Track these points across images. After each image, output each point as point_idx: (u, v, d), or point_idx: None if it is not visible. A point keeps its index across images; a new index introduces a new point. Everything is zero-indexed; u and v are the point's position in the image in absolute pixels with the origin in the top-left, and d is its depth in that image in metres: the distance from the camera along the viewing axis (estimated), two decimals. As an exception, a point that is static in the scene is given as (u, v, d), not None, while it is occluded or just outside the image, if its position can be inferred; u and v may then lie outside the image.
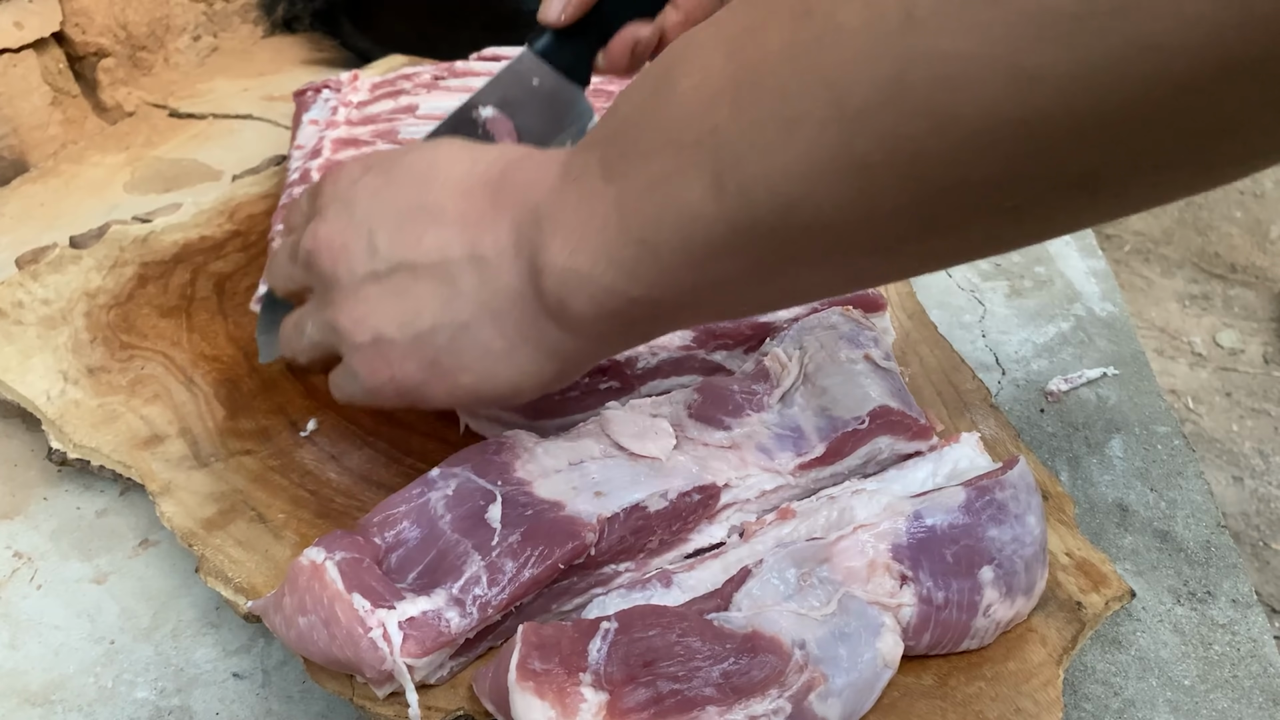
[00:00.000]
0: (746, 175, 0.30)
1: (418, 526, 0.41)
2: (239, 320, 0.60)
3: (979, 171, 0.27)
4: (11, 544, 0.51)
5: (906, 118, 0.27)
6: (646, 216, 0.33)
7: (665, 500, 0.42)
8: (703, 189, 0.31)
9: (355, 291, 0.40)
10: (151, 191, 0.82)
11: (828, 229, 0.30)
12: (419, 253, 0.39)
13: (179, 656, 0.46)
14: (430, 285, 0.39)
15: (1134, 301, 1.60)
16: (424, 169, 0.41)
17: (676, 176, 0.32)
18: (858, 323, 0.50)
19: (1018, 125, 0.26)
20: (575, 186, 0.36)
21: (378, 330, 0.40)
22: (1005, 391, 0.62)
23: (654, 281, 0.34)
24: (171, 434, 0.52)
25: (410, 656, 0.37)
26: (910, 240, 0.31)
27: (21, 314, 0.59)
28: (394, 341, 0.40)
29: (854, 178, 0.28)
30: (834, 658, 0.37)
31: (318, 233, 0.41)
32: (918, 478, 0.45)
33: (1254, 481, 1.30)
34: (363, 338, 0.40)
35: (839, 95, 0.28)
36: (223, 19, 1.07)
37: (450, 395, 0.41)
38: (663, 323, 0.38)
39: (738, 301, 0.36)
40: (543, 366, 0.39)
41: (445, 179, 0.40)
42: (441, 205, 0.39)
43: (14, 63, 0.82)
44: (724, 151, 0.31)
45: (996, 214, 0.29)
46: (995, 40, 0.25)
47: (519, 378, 0.40)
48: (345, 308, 0.41)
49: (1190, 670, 0.46)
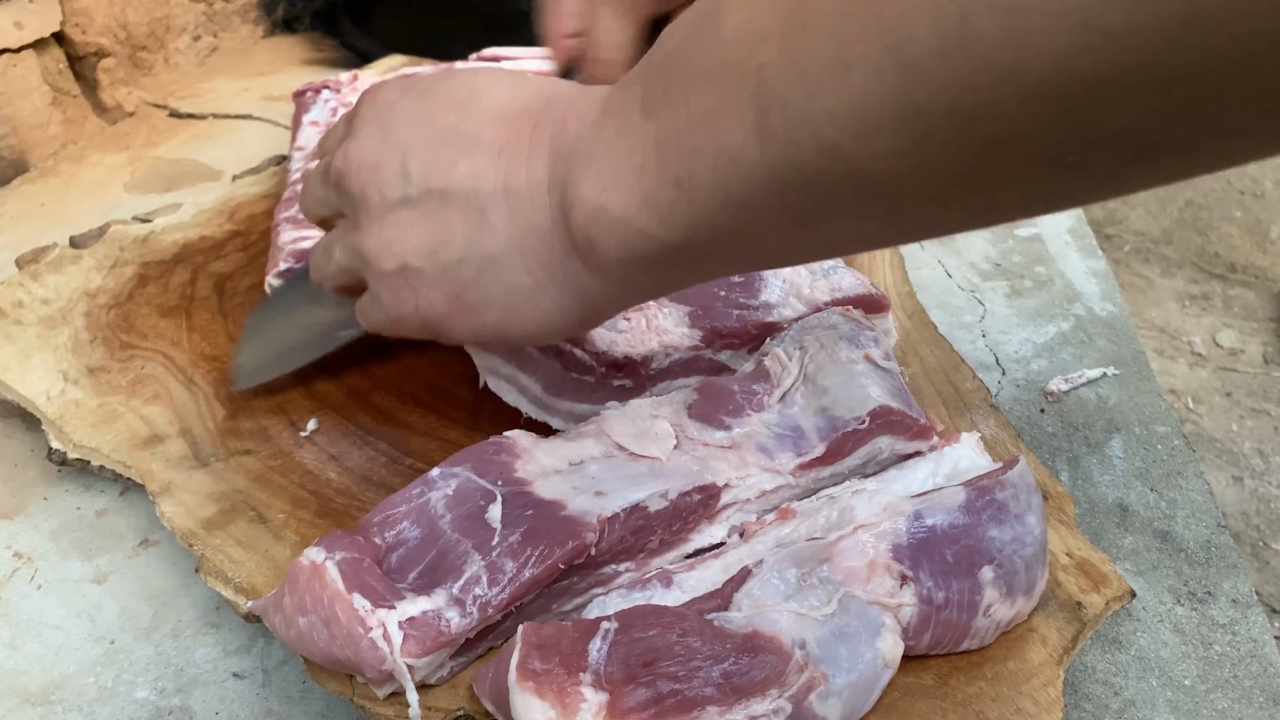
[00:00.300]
0: (792, 118, 0.29)
1: (418, 526, 0.41)
2: (239, 320, 0.60)
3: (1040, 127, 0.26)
4: (11, 544, 0.51)
5: (968, 69, 0.25)
6: (685, 156, 0.32)
7: (665, 500, 0.42)
8: (745, 130, 0.30)
9: (384, 215, 0.40)
10: (151, 191, 0.82)
11: (874, 178, 0.29)
12: (452, 180, 0.38)
13: (179, 656, 0.46)
14: (461, 215, 0.38)
15: (1134, 301, 1.60)
16: (464, 95, 0.40)
17: (719, 116, 0.31)
18: (858, 323, 0.50)
19: (1086, 82, 0.24)
20: (614, 121, 0.35)
21: (404, 258, 0.39)
22: (1005, 391, 0.62)
23: (687, 225, 0.33)
24: (172, 434, 0.52)
25: (410, 656, 0.37)
26: (962, 194, 0.29)
27: (21, 314, 0.59)
28: (420, 271, 0.39)
29: (908, 127, 0.27)
30: (834, 658, 0.37)
31: (350, 152, 0.41)
32: (918, 478, 0.45)
33: (1254, 481, 1.30)
34: (389, 265, 0.40)
35: (897, 41, 0.26)
36: (223, 19, 1.07)
37: (474, 332, 0.40)
38: (692, 270, 0.36)
39: (772, 251, 0.35)
40: (568, 309, 0.39)
41: (485, 106, 0.39)
42: (479, 133, 0.39)
43: (14, 62, 0.82)
44: (770, 92, 0.29)
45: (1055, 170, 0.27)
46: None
47: (543, 318, 0.39)
48: (373, 232, 0.40)
49: (1190, 670, 0.46)
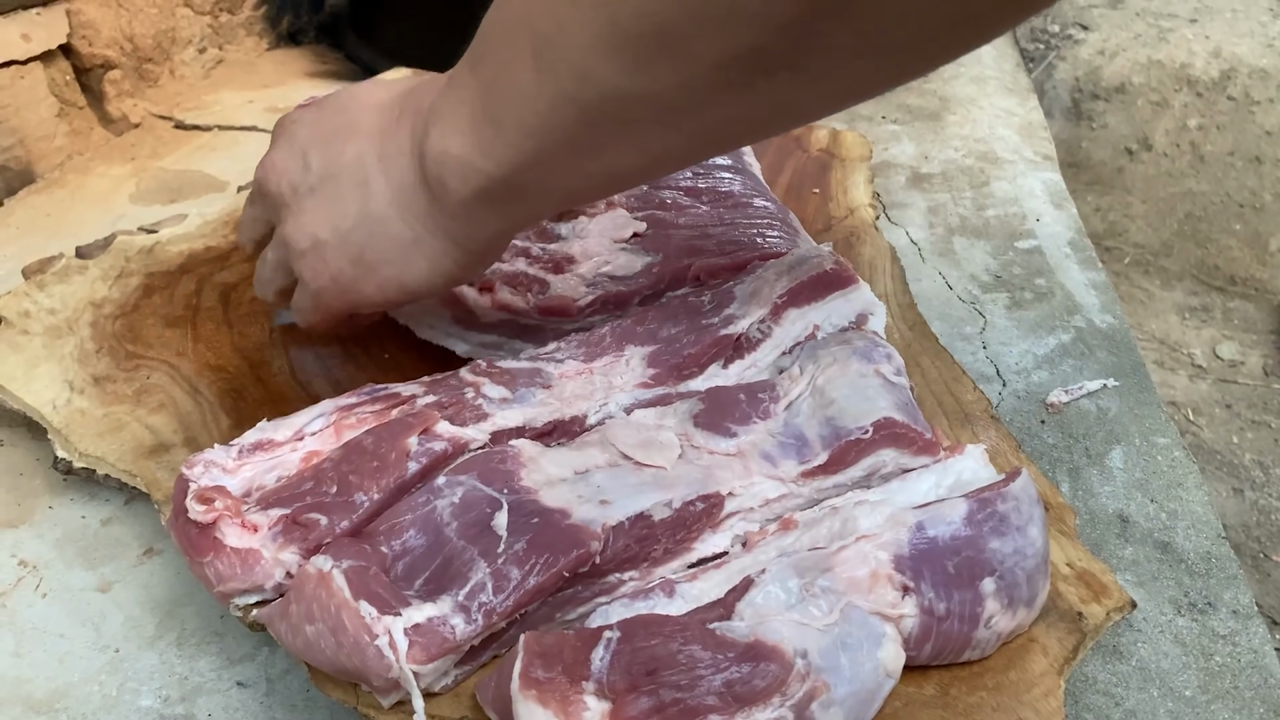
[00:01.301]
0: (554, 54, 0.36)
1: (424, 534, 0.41)
2: (244, 330, 0.60)
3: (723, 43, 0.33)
4: (17, 552, 0.52)
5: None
6: (497, 98, 0.39)
7: (669, 509, 0.43)
8: (526, 69, 0.38)
9: (298, 204, 0.47)
10: (157, 202, 0.83)
11: (619, 100, 0.36)
12: (341, 162, 0.46)
13: (183, 665, 0.46)
14: (351, 188, 0.46)
15: (1134, 314, 1.60)
16: (347, 100, 0.48)
17: (513, 62, 0.38)
18: (872, 340, 0.50)
19: None
20: (452, 84, 0.42)
21: (314, 235, 0.47)
22: (1006, 403, 0.62)
23: (503, 158, 0.40)
24: (177, 443, 0.52)
25: (416, 663, 0.37)
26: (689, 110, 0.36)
27: (28, 324, 0.59)
28: (327, 243, 0.46)
29: (626, 50, 0.34)
30: (836, 667, 0.37)
31: (265, 164, 0.49)
32: (921, 489, 0.45)
33: (1254, 493, 1.30)
34: (304, 244, 0.47)
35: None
36: (228, 31, 1.07)
37: (380, 290, 0.47)
38: (525, 203, 0.43)
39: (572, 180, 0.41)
40: (447, 252, 0.45)
41: (364, 103, 0.47)
42: (359, 122, 0.46)
43: (21, 74, 0.83)
44: (538, 36, 0.37)
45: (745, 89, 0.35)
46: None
47: (431, 265, 0.46)
48: (290, 221, 0.48)
49: (1191, 681, 0.46)
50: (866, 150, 0.81)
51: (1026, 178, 0.87)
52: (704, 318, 0.53)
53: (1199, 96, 1.70)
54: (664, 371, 0.51)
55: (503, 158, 0.40)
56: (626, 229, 0.60)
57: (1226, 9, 1.80)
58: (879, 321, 0.54)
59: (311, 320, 0.51)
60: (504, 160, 0.40)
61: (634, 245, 0.60)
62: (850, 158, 0.79)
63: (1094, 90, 1.73)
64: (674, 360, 0.51)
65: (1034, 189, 0.86)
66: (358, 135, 0.46)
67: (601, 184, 0.43)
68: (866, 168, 0.79)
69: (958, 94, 1.04)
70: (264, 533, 0.42)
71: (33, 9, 0.83)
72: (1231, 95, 1.69)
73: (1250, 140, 1.68)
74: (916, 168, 0.89)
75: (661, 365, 0.51)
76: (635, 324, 0.53)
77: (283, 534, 0.42)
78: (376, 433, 0.45)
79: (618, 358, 0.51)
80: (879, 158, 0.90)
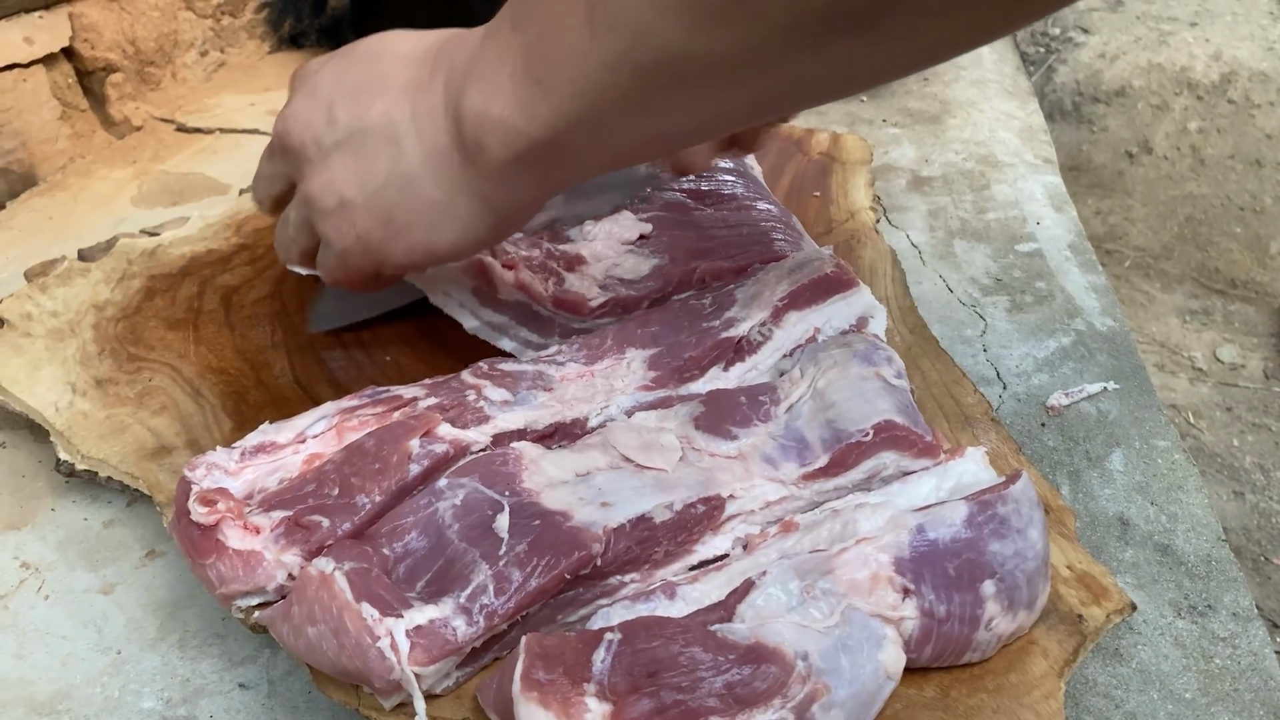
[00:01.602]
0: (611, 12, 0.35)
1: (426, 536, 0.41)
2: (245, 333, 0.60)
3: (799, 1, 0.31)
4: (19, 554, 0.52)
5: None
6: (542, 58, 0.38)
7: (670, 511, 0.43)
8: (579, 27, 0.36)
9: (322, 161, 0.46)
10: (159, 205, 0.83)
11: (679, 60, 0.35)
12: (370, 119, 0.44)
13: (185, 667, 0.46)
14: (381, 146, 0.44)
15: (1135, 317, 1.60)
16: (375, 49, 0.46)
17: (563, 20, 0.37)
18: (873, 343, 0.50)
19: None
20: (491, 41, 0.41)
21: (340, 193, 0.45)
22: (1006, 405, 0.62)
23: (547, 121, 0.39)
24: (179, 445, 0.52)
25: (417, 665, 0.37)
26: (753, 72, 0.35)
27: (30, 326, 0.60)
28: (354, 203, 0.45)
29: (692, 7, 0.33)
30: (836, 669, 0.37)
31: (285, 116, 0.47)
32: (921, 491, 0.45)
33: (1255, 496, 1.30)
34: (330, 202, 0.46)
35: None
36: (230, 34, 1.08)
37: (407, 253, 0.46)
38: (565, 167, 0.42)
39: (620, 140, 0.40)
40: (478, 215, 0.44)
41: (393, 54, 0.45)
42: (389, 75, 0.44)
43: (24, 77, 0.83)
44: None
45: (816, 51, 0.33)
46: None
47: (461, 229, 0.45)
48: (314, 178, 0.46)
49: (1191, 683, 0.46)
50: (867, 153, 0.81)
51: (1027, 181, 0.88)
52: (705, 321, 0.53)
53: (1199, 100, 1.70)
54: (665, 374, 0.51)
55: (547, 120, 0.39)
56: (633, 231, 0.60)
57: (1227, 12, 1.80)
58: (879, 324, 0.54)
59: (337, 279, 0.50)
60: (548, 123, 0.39)
61: (641, 247, 0.60)
62: (851, 161, 0.80)
63: (1094, 93, 1.74)
64: (675, 363, 0.51)
65: (1034, 192, 0.86)
66: (388, 89, 0.44)
67: (648, 147, 0.42)
68: (867, 171, 0.79)
69: (958, 97, 1.04)
70: (266, 534, 0.42)
71: (35, 12, 0.84)
72: (1232, 98, 1.69)
73: (1251, 143, 1.68)
74: (917, 171, 0.90)
75: (662, 368, 0.51)
76: (636, 326, 0.53)
77: (285, 536, 0.42)
78: (378, 435, 0.45)
79: (619, 360, 0.52)
80: (879, 161, 0.90)
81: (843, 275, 0.55)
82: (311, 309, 0.61)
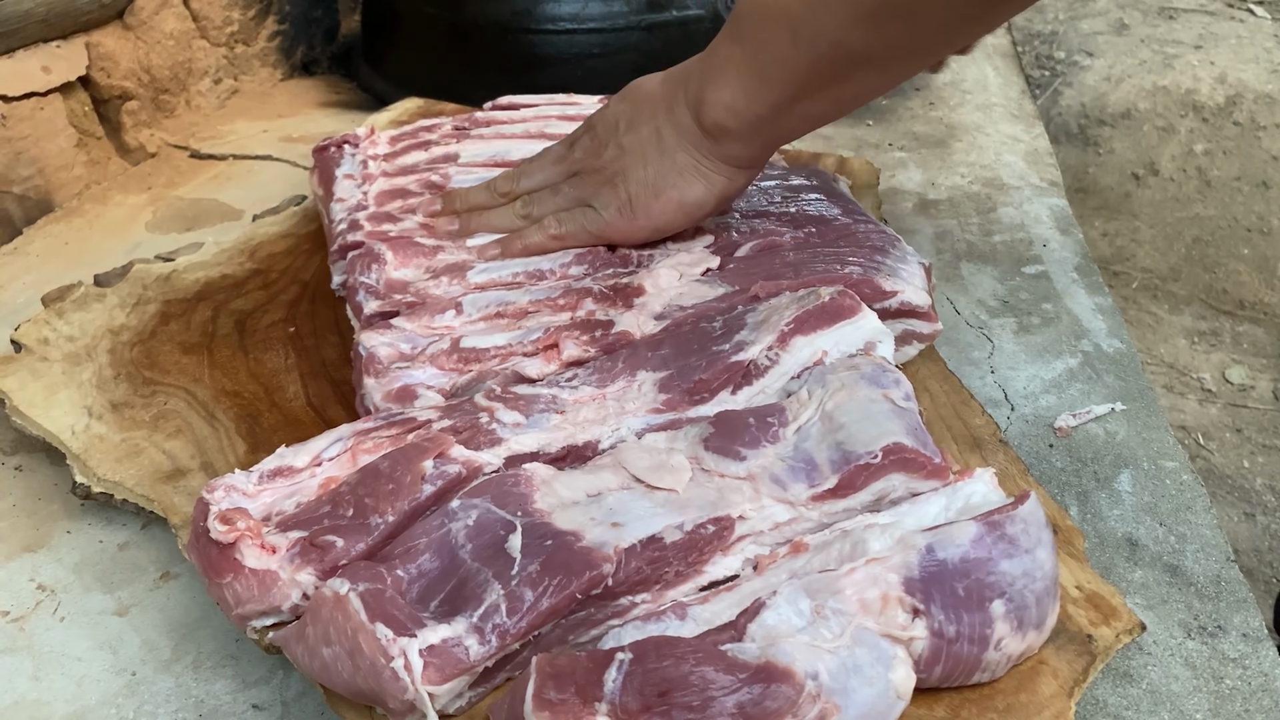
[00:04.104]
0: (810, 31, 0.52)
1: (438, 556, 0.42)
2: (259, 356, 0.61)
3: (948, 9, 0.49)
4: (35, 576, 0.52)
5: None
6: (760, 64, 0.55)
7: (681, 531, 0.43)
8: (785, 43, 0.54)
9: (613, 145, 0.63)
10: (173, 231, 0.84)
11: (858, 57, 0.53)
12: (641, 119, 0.62)
13: (199, 688, 0.47)
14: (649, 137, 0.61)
15: (1143, 338, 1.60)
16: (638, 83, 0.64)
17: (772, 38, 0.54)
18: (881, 365, 0.51)
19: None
20: (715, 55, 0.58)
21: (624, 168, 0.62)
22: (1014, 427, 0.62)
23: (767, 102, 0.56)
24: (194, 468, 0.53)
25: (431, 684, 0.37)
26: (907, 59, 0.54)
27: (47, 350, 0.60)
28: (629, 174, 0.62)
29: (869, 20, 0.50)
30: (847, 689, 0.37)
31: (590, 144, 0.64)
32: (930, 512, 0.45)
33: (1265, 518, 1.30)
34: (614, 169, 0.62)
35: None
36: (243, 62, 1.09)
37: (663, 209, 0.61)
38: (779, 129, 0.59)
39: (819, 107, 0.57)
40: (720, 170, 0.60)
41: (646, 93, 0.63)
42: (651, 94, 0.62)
43: (41, 106, 0.84)
44: (795, 19, 0.53)
45: (956, 40, 0.55)
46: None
47: (707, 184, 0.61)
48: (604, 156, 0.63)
49: (1202, 704, 0.46)
50: (874, 177, 0.82)
51: (1033, 203, 0.88)
52: (715, 344, 0.54)
53: (1205, 122, 1.71)
54: (675, 396, 0.51)
55: (766, 101, 0.56)
56: (699, 265, 0.61)
57: (1231, 35, 1.81)
58: (886, 349, 0.54)
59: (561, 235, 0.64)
60: (768, 103, 0.56)
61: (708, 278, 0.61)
62: (858, 184, 0.80)
63: (1100, 116, 1.74)
64: (685, 385, 0.52)
65: (1040, 215, 0.86)
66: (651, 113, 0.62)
67: (830, 113, 0.58)
68: (874, 194, 0.79)
69: (964, 121, 1.05)
70: (281, 554, 0.42)
71: (53, 42, 0.85)
72: (1237, 120, 1.70)
73: (1257, 165, 1.69)
74: (923, 194, 0.90)
75: (673, 390, 0.52)
76: (647, 349, 0.54)
77: (300, 556, 0.42)
78: (392, 457, 0.46)
79: (630, 383, 0.52)
80: (886, 184, 0.91)
81: (848, 301, 0.55)
82: None
